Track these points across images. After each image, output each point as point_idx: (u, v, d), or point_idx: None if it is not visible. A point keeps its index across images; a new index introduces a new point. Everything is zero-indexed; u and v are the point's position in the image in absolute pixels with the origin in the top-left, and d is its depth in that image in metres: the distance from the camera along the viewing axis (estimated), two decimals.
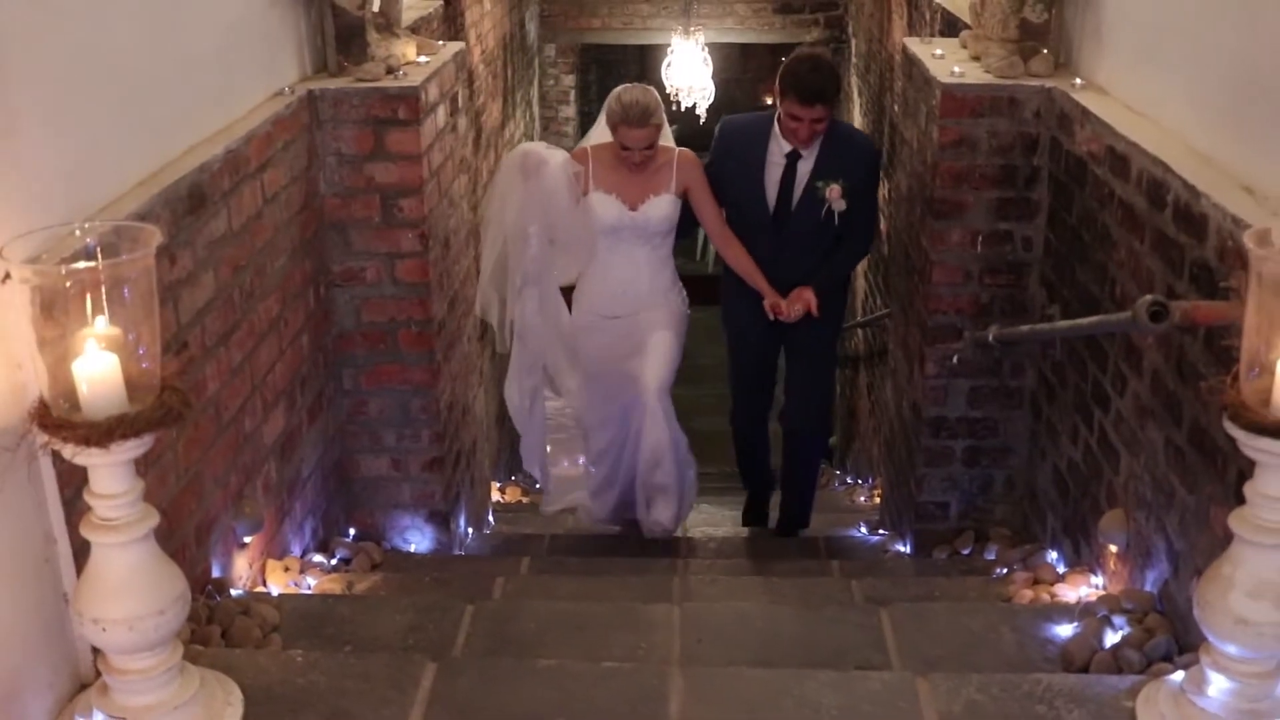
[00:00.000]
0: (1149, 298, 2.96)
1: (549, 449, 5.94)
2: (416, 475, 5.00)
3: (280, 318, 4.17)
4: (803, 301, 5.22)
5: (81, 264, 2.38)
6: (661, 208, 5.24)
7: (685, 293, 5.56)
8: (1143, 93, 4.05)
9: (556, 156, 5.24)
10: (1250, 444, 2.44)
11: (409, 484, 5.02)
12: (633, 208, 5.24)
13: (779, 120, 5.20)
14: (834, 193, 5.16)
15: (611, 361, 5.41)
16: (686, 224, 5.41)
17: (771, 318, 5.26)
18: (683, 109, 10.97)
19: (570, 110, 13.34)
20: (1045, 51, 4.76)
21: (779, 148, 5.23)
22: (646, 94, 5.13)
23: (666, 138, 5.33)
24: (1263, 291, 2.45)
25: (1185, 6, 3.77)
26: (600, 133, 5.35)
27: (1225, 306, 2.88)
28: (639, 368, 5.32)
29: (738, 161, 5.30)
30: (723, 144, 5.42)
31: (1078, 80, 4.48)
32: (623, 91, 5.16)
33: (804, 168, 5.22)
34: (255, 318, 3.95)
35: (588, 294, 5.48)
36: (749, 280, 5.33)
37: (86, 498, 2.49)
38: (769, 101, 5.79)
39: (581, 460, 5.95)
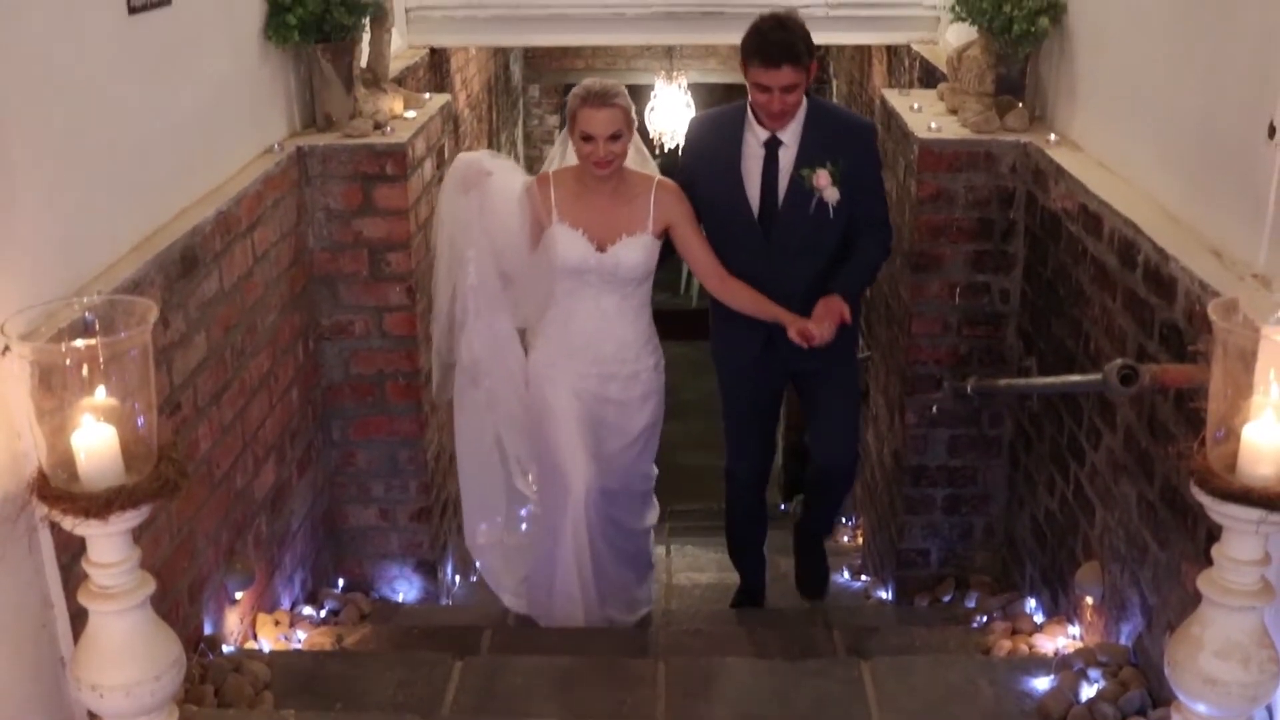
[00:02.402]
0: (1119, 361, 3.04)
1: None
2: (404, 525, 5.06)
3: (270, 373, 4.23)
4: (833, 317, 4.22)
5: (80, 342, 2.44)
6: (635, 252, 4.28)
7: (661, 352, 4.60)
8: (1115, 150, 4.14)
9: (502, 165, 4.43)
10: (1217, 509, 2.52)
11: (397, 534, 5.07)
12: (601, 248, 4.27)
13: (752, 105, 4.35)
14: (822, 179, 4.28)
15: (571, 428, 4.43)
16: (666, 253, 4.47)
17: (797, 342, 4.23)
18: (665, 151, 11.07)
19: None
20: (1021, 106, 4.86)
21: (755, 137, 4.35)
22: (610, 81, 4.28)
23: (647, 165, 4.49)
24: (1228, 360, 2.54)
25: (1153, 68, 3.86)
26: (564, 154, 4.45)
27: (1193, 370, 2.96)
28: (602, 463, 4.44)
29: (710, 160, 4.42)
30: (692, 145, 4.58)
31: (1052, 136, 4.58)
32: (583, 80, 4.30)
33: (786, 156, 4.33)
34: (246, 375, 4.01)
35: (543, 347, 4.49)
36: (762, 317, 4.36)
37: (84, 566, 2.55)
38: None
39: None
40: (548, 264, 4.30)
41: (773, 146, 4.34)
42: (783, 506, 8.47)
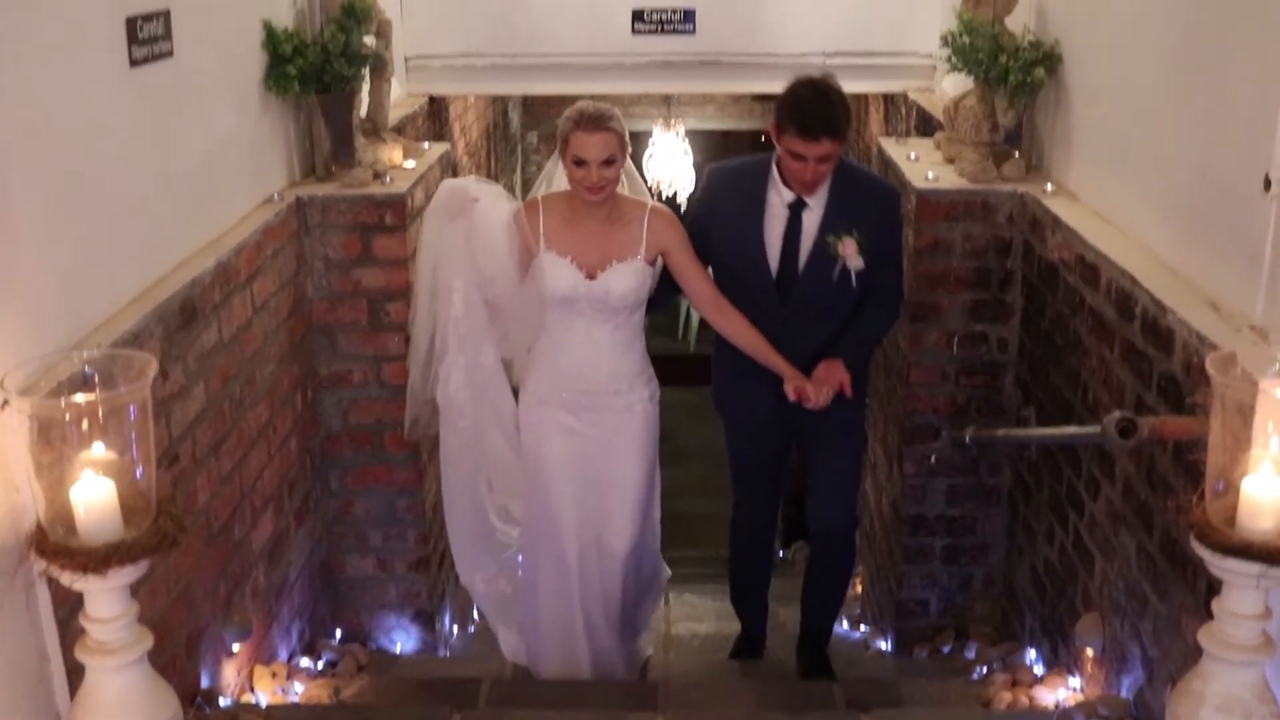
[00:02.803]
0: (1117, 414, 3.05)
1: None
2: (402, 575, 5.05)
3: (269, 423, 4.23)
4: (833, 382, 4.14)
5: (79, 397, 2.45)
6: (626, 278, 4.13)
7: (656, 382, 4.45)
8: (1112, 200, 4.16)
9: (489, 191, 4.28)
10: (1217, 564, 2.52)
11: (395, 584, 5.06)
12: (590, 275, 4.12)
13: (778, 163, 4.21)
14: (849, 249, 4.16)
15: (565, 479, 4.34)
16: (665, 294, 4.36)
17: (793, 399, 4.16)
18: (663, 198, 11.12)
19: None
20: (1017, 155, 4.88)
21: (779, 197, 4.22)
22: (604, 104, 4.10)
23: (638, 191, 4.36)
24: (1226, 414, 2.54)
25: (1149, 119, 3.88)
26: (554, 178, 4.36)
27: (1192, 423, 2.96)
28: (602, 518, 4.36)
29: (730, 216, 4.28)
30: (711, 195, 4.39)
31: (1049, 186, 4.60)
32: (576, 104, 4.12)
33: (810, 219, 4.21)
34: (245, 425, 4.01)
35: (534, 379, 4.34)
36: (757, 358, 4.24)
37: (82, 621, 2.54)
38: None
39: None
40: (536, 293, 4.17)
41: (797, 209, 4.21)
42: (781, 554, 8.44)
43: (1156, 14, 3.81)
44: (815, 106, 4.01)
